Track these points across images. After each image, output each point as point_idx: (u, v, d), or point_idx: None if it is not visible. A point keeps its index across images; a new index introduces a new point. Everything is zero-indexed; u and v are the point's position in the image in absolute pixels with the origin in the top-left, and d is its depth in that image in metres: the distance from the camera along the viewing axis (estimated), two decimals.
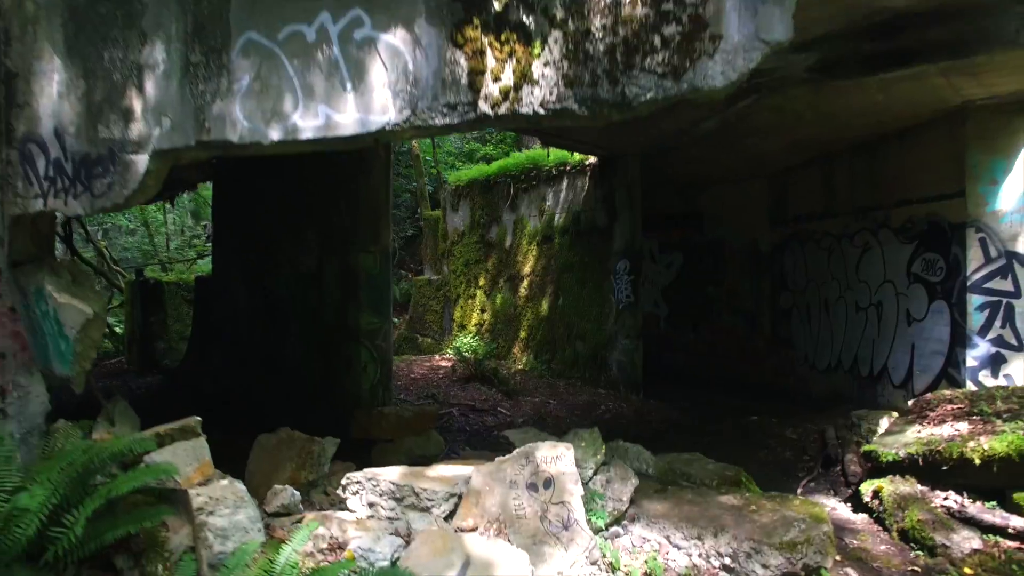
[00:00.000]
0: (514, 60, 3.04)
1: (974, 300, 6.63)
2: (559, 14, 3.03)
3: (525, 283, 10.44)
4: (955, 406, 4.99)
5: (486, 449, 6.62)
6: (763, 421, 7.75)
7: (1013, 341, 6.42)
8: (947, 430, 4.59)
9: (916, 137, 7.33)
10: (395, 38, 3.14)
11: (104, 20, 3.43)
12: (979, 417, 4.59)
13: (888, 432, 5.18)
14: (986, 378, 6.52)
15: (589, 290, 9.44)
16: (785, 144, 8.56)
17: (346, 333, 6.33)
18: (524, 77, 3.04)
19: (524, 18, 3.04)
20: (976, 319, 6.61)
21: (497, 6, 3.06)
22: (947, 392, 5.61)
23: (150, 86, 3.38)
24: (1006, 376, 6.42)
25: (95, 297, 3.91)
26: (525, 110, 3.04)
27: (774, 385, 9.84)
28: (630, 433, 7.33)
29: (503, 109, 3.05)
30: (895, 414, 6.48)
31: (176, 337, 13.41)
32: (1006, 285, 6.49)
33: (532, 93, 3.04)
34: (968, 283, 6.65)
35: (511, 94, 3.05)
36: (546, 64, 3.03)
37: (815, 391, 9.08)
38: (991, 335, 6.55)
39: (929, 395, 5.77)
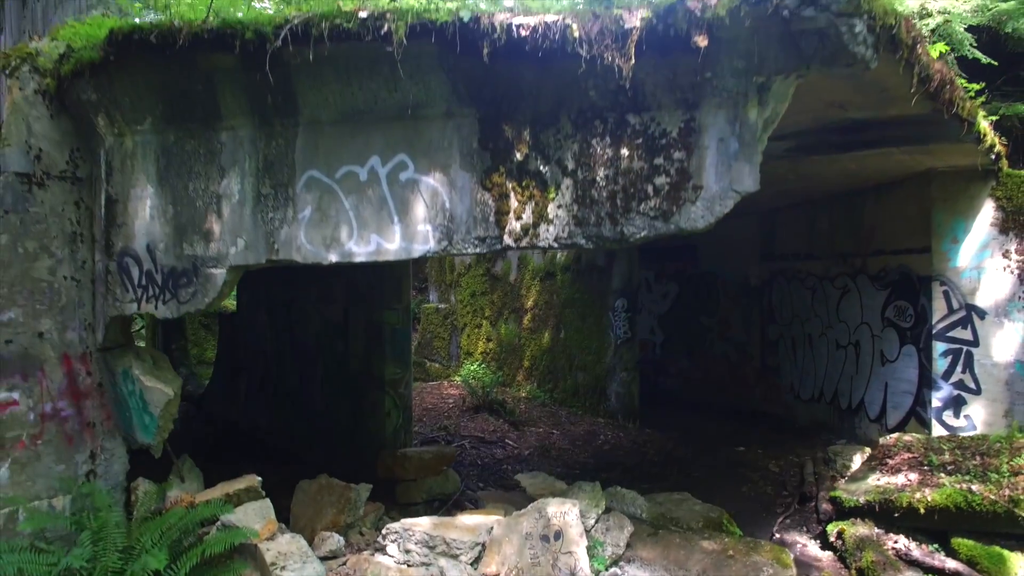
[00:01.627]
0: (533, 202, 3.74)
1: (938, 347, 7.35)
2: (570, 164, 3.73)
3: (529, 316, 11.15)
4: (911, 454, 5.70)
5: (496, 484, 7.35)
6: (750, 452, 8.47)
7: (972, 386, 7.15)
8: (901, 479, 5.31)
9: (889, 193, 8.04)
10: (434, 180, 3.84)
11: (189, 156, 4.11)
12: (928, 468, 5.31)
13: (853, 477, 5.89)
14: (949, 418, 7.25)
15: (589, 324, 10.15)
16: (772, 192, 9.26)
17: (371, 381, 7.02)
18: (541, 217, 3.74)
19: (541, 167, 3.74)
20: (940, 364, 7.34)
21: (519, 156, 3.76)
22: (907, 438, 6.33)
23: (227, 212, 4.07)
24: (966, 417, 7.15)
25: (173, 378, 4.60)
26: (542, 244, 3.74)
27: (762, 411, 10.55)
28: (628, 464, 8.11)
29: (524, 243, 3.75)
30: (867, 450, 7.21)
31: (195, 361, 14.10)
32: (966, 335, 7.22)
33: (548, 230, 3.74)
34: (933, 331, 7.37)
35: (530, 231, 3.75)
36: (559, 206, 3.73)
37: (800, 419, 9.81)
38: (953, 379, 7.27)
39: (892, 438, 6.49)
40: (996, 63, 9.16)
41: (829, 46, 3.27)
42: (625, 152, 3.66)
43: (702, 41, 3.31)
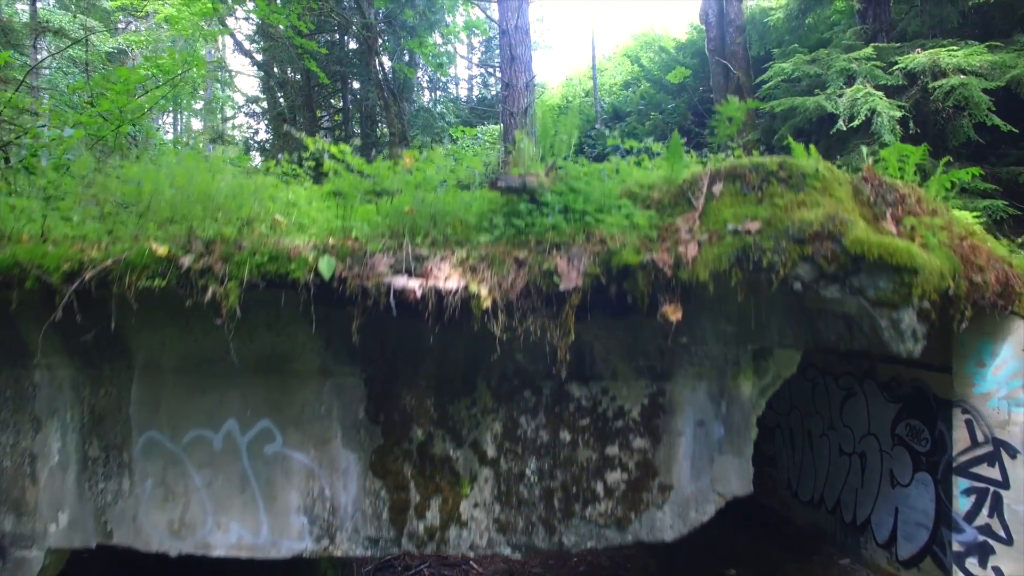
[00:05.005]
0: (440, 498, 2.72)
1: (960, 483, 6.36)
2: (490, 450, 2.71)
3: None
4: None
5: None
6: None
7: (1001, 534, 6.16)
8: None
9: None
10: (308, 458, 2.82)
11: None
12: None
13: None
14: (973, 567, 6.27)
15: None
16: None
17: None
18: (451, 518, 2.72)
19: (451, 452, 2.72)
20: (962, 503, 6.35)
21: (420, 434, 2.74)
22: None
23: (44, 477, 3.06)
24: (995, 569, 6.17)
25: None
26: (453, 551, 2.73)
27: (758, 502, 9.62)
28: None
29: (429, 549, 2.74)
30: None
31: None
32: (994, 474, 6.22)
33: (461, 535, 2.73)
34: (954, 464, 6.37)
35: (437, 534, 2.74)
36: (476, 505, 2.72)
37: (798, 521, 8.85)
38: (978, 522, 6.29)
39: None
40: (1016, 130, 8.17)
41: (860, 337, 2.26)
42: (566, 436, 2.65)
43: (673, 314, 2.28)
